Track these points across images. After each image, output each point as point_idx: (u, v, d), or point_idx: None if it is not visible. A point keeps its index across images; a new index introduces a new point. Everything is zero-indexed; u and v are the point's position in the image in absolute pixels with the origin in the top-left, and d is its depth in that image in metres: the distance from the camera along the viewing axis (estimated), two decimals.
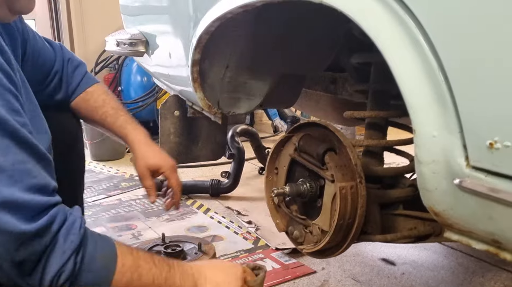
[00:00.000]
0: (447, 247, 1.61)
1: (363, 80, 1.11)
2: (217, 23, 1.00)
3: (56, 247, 0.61)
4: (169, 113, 1.44)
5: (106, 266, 0.66)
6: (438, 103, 0.55)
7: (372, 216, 0.95)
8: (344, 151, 0.90)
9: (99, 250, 0.67)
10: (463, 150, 0.54)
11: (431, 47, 0.54)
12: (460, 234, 0.62)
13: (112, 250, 0.68)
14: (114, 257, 0.67)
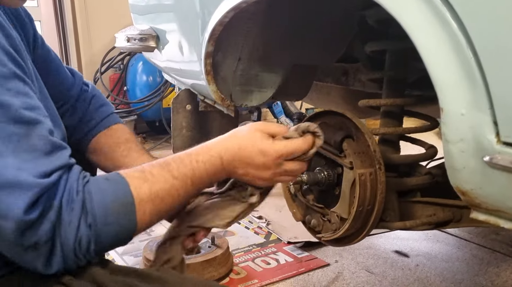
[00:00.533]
0: (460, 238, 1.61)
1: (377, 69, 1.11)
2: (231, 13, 1.00)
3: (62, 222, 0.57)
4: (181, 107, 1.44)
5: (122, 211, 0.61)
6: (467, 80, 0.55)
7: (390, 204, 0.95)
8: (362, 138, 0.90)
9: (109, 197, 0.61)
10: (494, 126, 0.54)
11: (459, 24, 0.54)
12: (488, 214, 0.61)
13: (124, 190, 0.62)
14: (129, 198, 0.61)
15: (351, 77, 1.31)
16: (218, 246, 1.40)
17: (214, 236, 1.42)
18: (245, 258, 1.49)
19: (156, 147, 3.14)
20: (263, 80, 1.28)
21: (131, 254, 1.53)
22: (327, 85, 1.43)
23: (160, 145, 3.17)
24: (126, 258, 1.51)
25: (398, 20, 0.61)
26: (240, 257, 1.50)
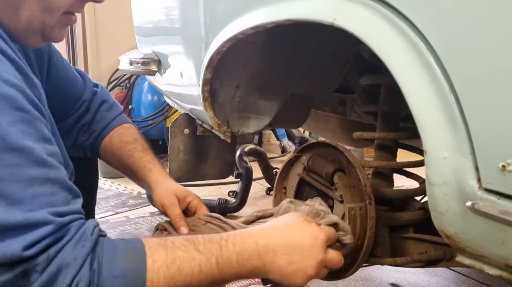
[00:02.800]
0: (458, 273, 1.58)
1: (372, 102, 1.12)
2: (229, 43, 1.02)
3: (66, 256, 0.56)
4: (179, 131, 1.45)
5: (133, 266, 0.57)
6: (449, 125, 0.55)
7: (381, 239, 0.94)
8: (354, 172, 0.90)
9: (121, 250, 0.59)
10: (475, 171, 0.54)
11: (442, 69, 0.55)
12: (473, 258, 0.61)
13: (138, 247, 0.59)
14: (141, 255, 0.58)
15: (348, 108, 1.32)
16: None
17: None
18: (238, 285, 1.48)
19: None
20: (260, 108, 1.29)
21: None
22: (325, 114, 1.44)
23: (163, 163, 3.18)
24: None
25: (384, 62, 0.61)
26: (233, 284, 1.48)
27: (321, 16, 0.69)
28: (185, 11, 1.25)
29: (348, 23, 0.65)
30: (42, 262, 0.55)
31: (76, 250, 0.56)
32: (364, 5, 0.63)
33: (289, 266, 0.65)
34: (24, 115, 0.58)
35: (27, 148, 0.57)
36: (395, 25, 0.59)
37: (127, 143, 1.01)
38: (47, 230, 0.56)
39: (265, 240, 0.65)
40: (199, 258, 0.60)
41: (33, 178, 0.56)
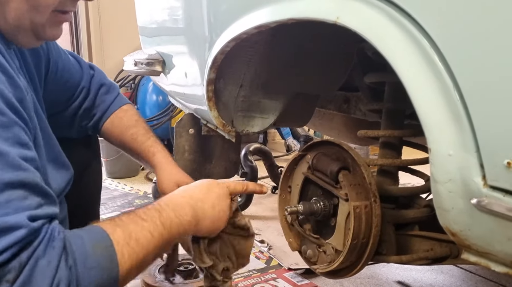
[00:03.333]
0: (465, 270, 1.57)
1: (376, 100, 1.11)
2: (232, 43, 1.02)
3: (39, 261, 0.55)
4: (184, 131, 1.45)
5: (103, 254, 0.59)
6: (454, 122, 0.55)
7: (387, 236, 0.94)
8: (358, 170, 0.90)
9: (88, 241, 0.60)
10: (480, 169, 0.53)
11: (446, 66, 0.55)
12: (478, 256, 0.60)
13: (101, 234, 0.61)
14: (107, 241, 0.60)
15: (353, 106, 1.31)
16: None
17: None
18: (244, 284, 1.48)
19: None
20: (265, 107, 1.29)
21: None
22: (329, 112, 1.44)
23: None
24: None
25: (388, 60, 0.61)
26: (239, 282, 1.48)
27: (324, 15, 0.69)
28: (189, 11, 1.26)
29: (351, 21, 0.65)
30: (14, 270, 0.54)
31: (48, 253, 0.56)
32: (367, 3, 0.63)
33: (214, 209, 0.76)
34: (1, 118, 0.58)
35: (2, 152, 0.56)
36: (398, 22, 0.59)
37: (129, 127, 1.04)
38: (20, 234, 0.54)
39: (190, 192, 0.75)
40: (146, 226, 0.65)
41: (7, 182, 0.56)
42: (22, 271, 0.54)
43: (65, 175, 0.78)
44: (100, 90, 1.05)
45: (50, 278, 0.54)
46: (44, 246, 0.56)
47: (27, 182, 0.58)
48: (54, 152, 0.78)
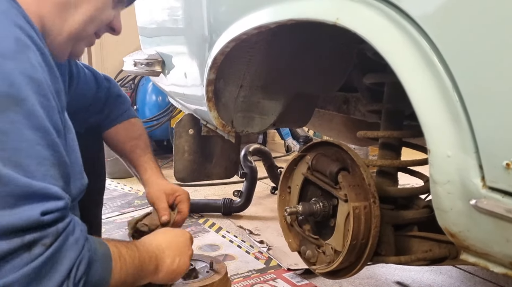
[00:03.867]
0: (463, 271, 1.57)
1: (376, 100, 1.12)
2: (232, 44, 1.02)
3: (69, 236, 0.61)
4: (184, 131, 1.46)
5: (105, 253, 0.67)
6: (453, 123, 0.55)
7: (386, 237, 0.94)
8: (358, 171, 0.90)
9: (96, 239, 0.68)
10: (479, 170, 0.54)
11: (445, 68, 0.55)
12: (477, 257, 0.61)
13: (103, 241, 0.70)
14: (108, 250, 0.69)
15: (352, 106, 1.32)
16: (216, 271, 1.39)
17: (213, 261, 1.41)
18: (244, 284, 1.48)
19: (163, 166, 3.16)
20: (264, 107, 1.30)
21: None
22: (329, 112, 1.44)
23: (167, 163, 3.19)
24: None
25: (387, 61, 0.62)
26: (239, 283, 1.48)
27: (323, 16, 0.69)
28: (189, 12, 1.26)
29: (351, 22, 0.65)
30: (51, 235, 0.59)
31: (76, 233, 0.63)
32: (367, 4, 0.63)
33: (173, 264, 0.83)
34: (45, 101, 0.63)
35: (47, 130, 0.62)
36: (398, 24, 0.59)
37: (131, 139, 1.12)
38: (60, 204, 0.60)
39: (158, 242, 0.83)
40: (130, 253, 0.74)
41: (45, 158, 0.61)
42: (57, 240, 0.59)
43: (83, 181, 0.84)
44: (115, 100, 1.13)
45: (76, 253, 0.61)
46: (73, 226, 0.63)
47: (61, 165, 0.64)
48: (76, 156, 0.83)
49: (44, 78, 0.63)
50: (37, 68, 0.62)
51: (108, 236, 1.84)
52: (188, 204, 1.13)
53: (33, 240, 0.57)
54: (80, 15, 0.74)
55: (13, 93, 0.58)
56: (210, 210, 2.11)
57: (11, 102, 0.58)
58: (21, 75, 0.59)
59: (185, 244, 0.88)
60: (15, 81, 0.58)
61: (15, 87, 0.58)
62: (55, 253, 0.59)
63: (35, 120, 0.60)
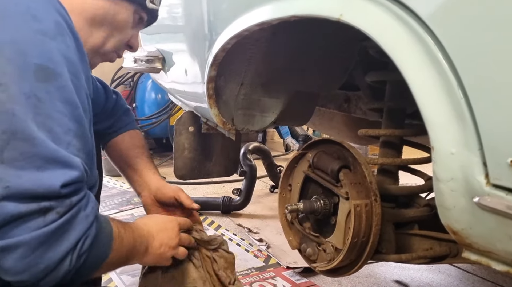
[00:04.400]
0: (462, 270, 1.58)
1: (377, 99, 1.12)
2: (234, 40, 1.02)
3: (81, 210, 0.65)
4: (184, 129, 1.45)
5: (109, 232, 0.72)
6: (457, 120, 0.55)
7: (386, 235, 0.94)
8: (359, 169, 0.90)
9: (103, 218, 0.73)
10: (483, 167, 0.53)
11: (450, 65, 0.55)
12: (479, 254, 0.60)
13: (108, 220, 0.74)
14: (111, 226, 0.74)
15: (353, 105, 1.31)
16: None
17: None
18: (243, 282, 1.48)
19: (162, 164, 3.16)
20: (265, 105, 1.29)
21: (128, 274, 1.52)
22: (329, 111, 1.44)
23: (166, 161, 3.19)
24: (124, 278, 1.50)
25: (391, 58, 0.61)
26: None
27: (327, 12, 0.69)
28: (188, 9, 1.25)
29: (355, 19, 0.65)
30: (65, 206, 0.63)
31: (88, 209, 0.67)
32: (371, 1, 0.63)
33: (160, 248, 0.88)
34: (76, 81, 0.68)
35: (75, 104, 0.67)
36: (403, 20, 0.59)
37: (136, 146, 1.16)
38: (78, 175, 0.64)
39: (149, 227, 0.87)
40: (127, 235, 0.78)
41: (70, 129, 0.66)
42: (69, 211, 0.63)
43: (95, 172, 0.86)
44: (121, 112, 1.18)
45: (85, 228, 0.65)
46: (86, 201, 0.67)
47: (83, 138, 0.68)
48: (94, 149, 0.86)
49: (77, 60, 0.70)
50: (71, 49, 0.69)
51: None
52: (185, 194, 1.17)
53: (49, 206, 0.61)
54: (102, 32, 0.83)
55: (52, 67, 0.64)
56: (210, 208, 2.11)
57: (49, 75, 0.64)
58: (59, 53, 0.66)
59: (173, 231, 0.92)
60: (54, 58, 0.65)
61: (54, 62, 0.65)
62: (66, 223, 0.63)
63: (66, 94, 0.66)
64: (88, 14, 0.81)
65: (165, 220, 0.94)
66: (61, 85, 0.65)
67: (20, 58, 0.62)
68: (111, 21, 0.83)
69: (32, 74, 0.62)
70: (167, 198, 1.10)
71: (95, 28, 0.82)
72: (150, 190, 1.11)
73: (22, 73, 0.62)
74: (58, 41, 0.66)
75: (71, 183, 0.63)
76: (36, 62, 0.63)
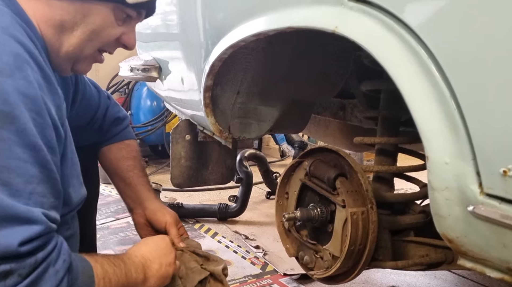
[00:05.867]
0: (458, 276, 1.59)
1: (372, 107, 1.13)
2: (230, 50, 1.03)
3: (49, 266, 0.61)
4: (180, 137, 1.46)
5: (88, 282, 0.69)
6: (451, 131, 0.56)
7: (383, 242, 0.95)
8: (355, 177, 0.91)
9: (80, 266, 0.68)
10: (477, 177, 0.55)
11: (442, 76, 0.56)
12: (474, 262, 0.62)
13: (88, 265, 0.70)
14: (91, 272, 0.70)
15: (348, 112, 1.33)
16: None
17: None
18: None
19: (157, 171, 3.15)
20: (261, 113, 1.30)
21: None
22: (325, 118, 1.45)
23: (162, 169, 3.18)
24: None
25: (386, 69, 0.63)
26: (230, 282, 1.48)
27: (322, 24, 0.70)
28: (184, 17, 1.26)
29: (350, 31, 0.66)
30: (29, 266, 0.58)
31: (58, 263, 0.62)
32: (365, 13, 0.64)
33: (161, 268, 0.86)
34: (38, 119, 0.63)
35: (38, 148, 0.62)
36: (396, 32, 0.60)
37: (127, 158, 1.12)
38: (40, 229, 0.59)
39: (142, 253, 0.86)
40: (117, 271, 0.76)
41: (34, 176, 0.61)
42: (34, 271, 0.58)
43: (82, 191, 0.84)
44: (112, 120, 1.14)
45: (53, 286, 0.60)
46: (56, 255, 0.62)
47: (49, 181, 0.63)
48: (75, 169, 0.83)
49: (40, 95, 0.64)
50: (33, 84, 0.63)
51: (104, 242, 1.83)
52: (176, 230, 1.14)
53: (9, 269, 0.57)
54: (75, 38, 0.76)
55: (7, 110, 0.59)
56: (206, 215, 2.11)
57: (5, 119, 0.59)
58: (16, 93, 0.60)
59: (167, 248, 0.91)
60: (9, 99, 0.59)
61: (9, 104, 0.59)
62: (31, 285, 0.58)
63: (26, 138, 0.61)
64: (54, 22, 0.73)
65: (157, 239, 0.93)
66: (19, 129, 0.60)
67: None
68: (83, 24, 0.75)
69: None
70: (159, 224, 1.09)
71: (66, 35, 0.75)
72: (145, 209, 1.09)
73: None
74: (16, 77, 0.60)
75: (33, 238, 0.59)
76: None
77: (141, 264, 0.83)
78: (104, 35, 0.79)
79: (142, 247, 0.89)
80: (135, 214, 1.11)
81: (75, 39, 0.76)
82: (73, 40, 0.76)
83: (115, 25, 0.80)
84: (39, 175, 0.62)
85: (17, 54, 0.62)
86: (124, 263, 0.79)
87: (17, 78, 0.60)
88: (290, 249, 1.05)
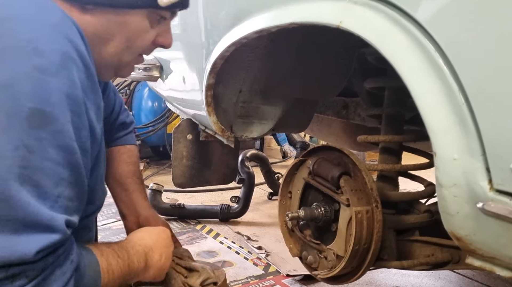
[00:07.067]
0: (462, 276, 1.57)
1: (376, 105, 1.12)
2: (232, 48, 1.02)
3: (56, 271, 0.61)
4: (182, 137, 1.45)
5: (94, 277, 0.69)
6: (459, 126, 0.55)
7: (388, 242, 0.93)
8: (360, 175, 0.90)
9: (87, 262, 0.69)
10: (486, 172, 0.53)
11: (451, 70, 0.55)
12: (483, 260, 0.60)
13: (95, 259, 0.71)
14: (97, 266, 0.70)
15: (351, 111, 1.32)
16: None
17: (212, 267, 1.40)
18: None
19: (159, 172, 3.15)
20: (263, 112, 1.29)
21: None
22: (328, 117, 1.44)
23: (164, 170, 3.17)
24: None
25: (392, 64, 0.61)
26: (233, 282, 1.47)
27: (326, 19, 0.69)
28: (185, 16, 1.26)
29: (355, 25, 0.65)
30: (37, 269, 0.58)
31: (65, 264, 0.62)
32: (371, 7, 0.63)
33: (160, 259, 0.86)
34: (77, 120, 0.63)
35: (71, 150, 0.62)
36: (403, 26, 0.59)
37: (128, 163, 1.11)
38: (58, 238, 0.60)
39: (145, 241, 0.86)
40: (120, 262, 0.76)
41: (63, 178, 0.61)
42: (42, 273, 0.59)
43: (106, 190, 0.86)
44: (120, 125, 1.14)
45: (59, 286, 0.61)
46: (64, 257, 0.62)
47: (78, 184, 0.64)
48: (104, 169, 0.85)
49: (82, 96, 0.64)
50: (76, 84, 0.63)
51: None
52: None
53: (18, 272, 0.57)
54: (112, 48, 0.76)
55: (48, 110, 0.59)
56: (208, 216, 2.10)
57: (44, 120, 0.59)
58: (58, 92, 0.60)
59: (168, 240, 0.92)
60: (51, 99, 0.60)
61: (50, 104, 0.60)
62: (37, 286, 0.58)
63: (62, 139, 0.61)
64: (89, 34, 0.71)
65: (159, 231, 0.93)
66: (57, 130, 0.60)
67: (11, 104, 0.57)
68: (118, 34, 0.75)
69: (23, 121, 0.57)
70: None
71: (104, 45, 0.75)
72: (138, 216, 1.09)
73: (12, 121, 0.57)
74: (60, 77, 0.61)
75: (45, 248, 0.59)
76: (30, 106, 0.57)
77: (144, 253, 0.83)
78: (140, 40, 0.79)
79: (145, 236, 0.88)
80: (127, 221, 1.10)
81: (112, 49, 0.76)
82: (110, 50, 0.76)
83: (149, 29, 0.80)
84: (69, 178, 0.62)
85: (65, 52, 0.62)
86: (128, 253, 0.79)
87: (61, 77, 0.61)
88: (293, 249, 1.04)
